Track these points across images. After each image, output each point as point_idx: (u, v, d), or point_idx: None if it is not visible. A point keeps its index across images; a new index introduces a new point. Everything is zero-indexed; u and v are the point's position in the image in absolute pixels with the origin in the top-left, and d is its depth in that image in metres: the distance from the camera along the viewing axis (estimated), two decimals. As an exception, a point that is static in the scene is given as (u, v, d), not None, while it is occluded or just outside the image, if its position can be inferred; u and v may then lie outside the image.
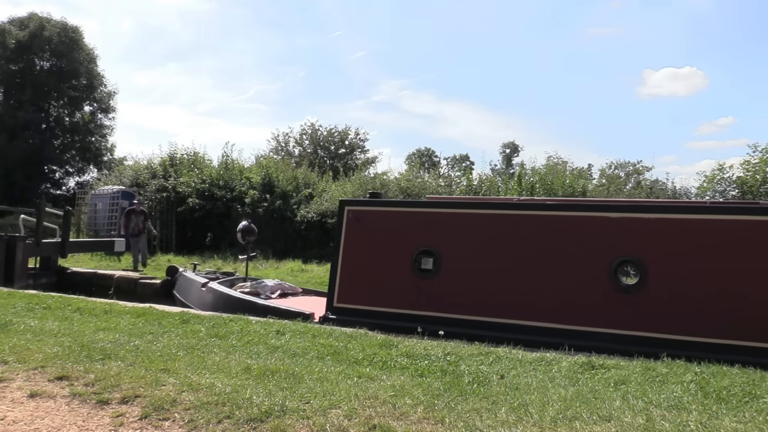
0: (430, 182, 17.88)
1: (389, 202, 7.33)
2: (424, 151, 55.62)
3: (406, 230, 6.68)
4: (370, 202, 7.21)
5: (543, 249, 5.88)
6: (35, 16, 36.07)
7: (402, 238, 6.59)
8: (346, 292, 6.57)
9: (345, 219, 6.92)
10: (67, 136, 37.02)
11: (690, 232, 5.40)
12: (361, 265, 6.74)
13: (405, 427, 2.84)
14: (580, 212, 6.08)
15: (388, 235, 6.74)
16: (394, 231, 6.73)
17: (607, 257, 5.58)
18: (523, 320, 5.67)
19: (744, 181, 13.66)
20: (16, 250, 10.48)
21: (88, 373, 3.64)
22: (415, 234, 6.55)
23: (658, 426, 2.83)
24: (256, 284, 8.60)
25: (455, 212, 6.56)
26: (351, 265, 6.73)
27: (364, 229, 6.81)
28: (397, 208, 7.14)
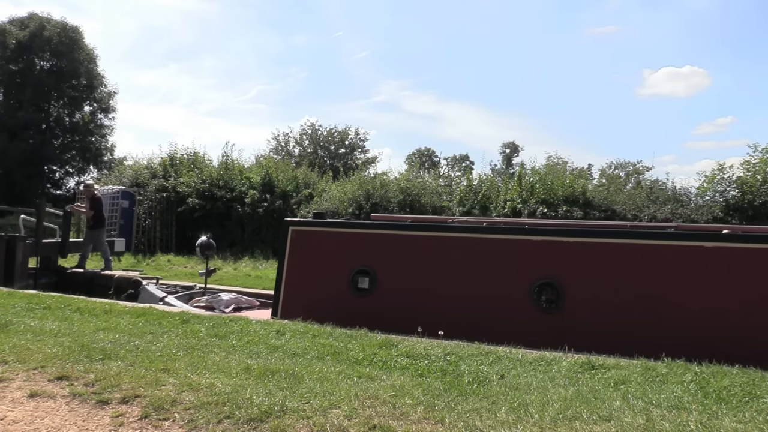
0: (430, 182, 17.88)
1: (330, 222, 7.58)
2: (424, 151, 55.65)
3: (345, 250, 6.99)
4: (312, 222, 7.48)
5: (471, 270, 6.21)
6: (35, 16, 36.09)
7: (341, 257, 6.90)
8: (288, 310, 6.72)
9: (289, 238, 7.19)
10: (67, 136, 37.04)
11: (605, 255, 5.78)
12: (304, 284, 7.00)
13: (405, 427, 2.84)
14: (505, 235, 6.42)
15: (328, 254, 7.04)
16: (334, 251, 7.04)
17: (528, 278, 5.93)
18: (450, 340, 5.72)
19: (744, 181, 13.65)
20: (16, 250, 10.48)
21: (88, 373, 3.64)
22: (352, 254, 6.86)
23: (658, 426, 2.83)
24: (212, 298, 8.57)
25: (389, 233, 6.90)
26: (294, 283, 7.00)
27: (307, 248, 7.11)
28: (336, 229, 7.40)
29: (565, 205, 14.53)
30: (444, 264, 6.37)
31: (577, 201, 14.66)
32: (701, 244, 5.43)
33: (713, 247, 5.38)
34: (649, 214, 13.88)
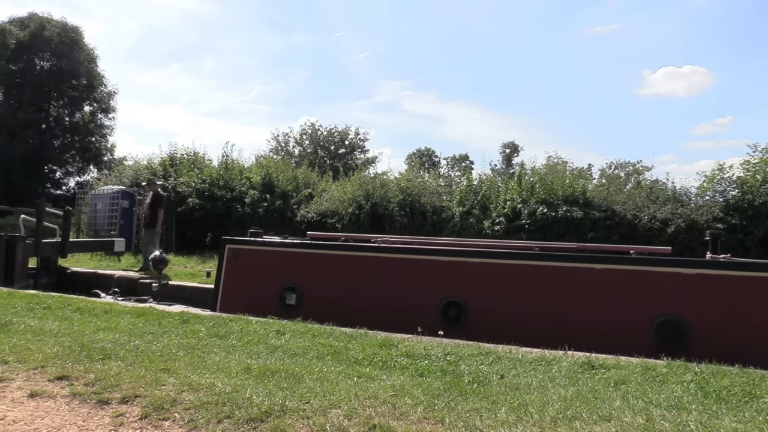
0: (430, 182, 17.86)
1: (262, 241, 7.79)
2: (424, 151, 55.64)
3: (275, 267, 7.29)
4: (246, 240, 7.80)
5: (388, 288, 6.53)
6: (35, 16, 36.07)
7: (271, 274, 7.19)
8: None
9: (225, 255, 7.54)
10: (67, 136, 37.02)
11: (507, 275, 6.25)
12: (238, 299, 7.21)
13: (405, 427, 2.84)
14: (419, 255, 6.83)
15: (260, 271, 7.35)
16: (265, 268, 7.34)
17: (438, 296, 6.32)
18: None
19: (744, 181, 13.65)
20: (16, 250, 10.48)
21: (88, 373, 3.64)
22: (281, 271, 7.17)
23: (658, 426, 2.83)
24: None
25: (314, 252, 7.28)
26: (229, 298, 7.26)
27: (241, 265, 7.43)
28: (267, 248, 7.66)
29: (565, 205, 14.53)
30: (364, 282, 6.71)
31: (577, 201, 14.65)
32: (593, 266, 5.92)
33: (602, 268, 5.84)
34: (649, 214, 13.88)
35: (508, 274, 6.23)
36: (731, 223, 13.05)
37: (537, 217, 14.46)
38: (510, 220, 14.95)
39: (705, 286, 5.51)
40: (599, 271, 5.83)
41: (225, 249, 7.58)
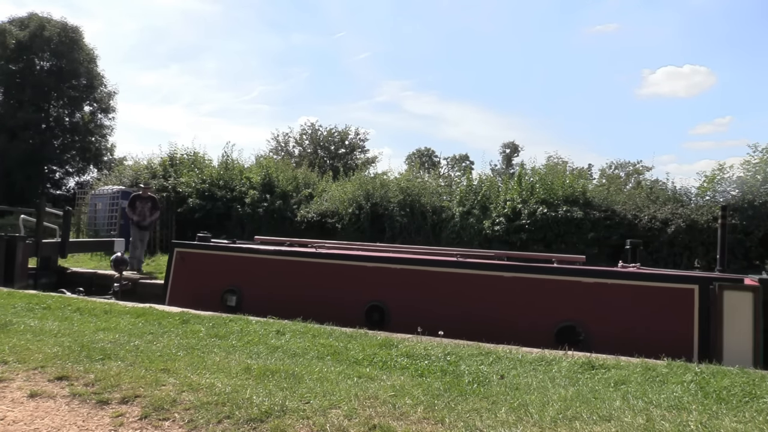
0: (430, 182, 17.86)
1: (206, 245, 8.09)
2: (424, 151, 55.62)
3: (217, 270, 7.59)
4: (192, 244, 8.13)
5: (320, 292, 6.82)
6: (35, 16, 36.08)
7: (214, 277, 7.47)
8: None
9: (173, 258, 7.93)
10: (67, 136, 37.01)
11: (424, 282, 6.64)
12: (185, 300, 7.43)
13: (405, 427, 2.84)
14: (347, 261, 7.16)
15: (204, 274, 7.64)
16: (209, 271, 7.64)
17: (363, 300, 6.66)
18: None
19: (744, 181, 13.65)
20: (16, 250, 10.47)
21: (88, 373, 3.64)
22: (223, 274, 7.48)
23: (658, 426, 2.83)
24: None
25: (253, 257, 7.59)
26: (175, 298, 7.50)
27: (188, 267, 7.76)
28: (211, 251, 7.97)
29: (565, 205, 14.52)
30: (299, 286, 6.96)
31: (577, 201, 14.65)
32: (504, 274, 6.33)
33: (512, 276, 6.27)
34: (649, 214, 13.88)
35: (426, 281, 6.63)
36: (731, 223, 13.05)
37: (537, 217, 14.45)
38: (510, 220, 14.95)
39: (601, 294, 5.86)
40: (508, 279, 6.23)
41: (173, 251, 8.01)
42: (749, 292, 5.23)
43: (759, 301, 5.16)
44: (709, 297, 5.34)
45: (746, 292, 5.25)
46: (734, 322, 5.16)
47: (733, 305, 5.22)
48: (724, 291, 5.28)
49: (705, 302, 5.35)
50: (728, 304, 5.23)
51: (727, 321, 5.18)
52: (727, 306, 5.23)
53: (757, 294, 5.20)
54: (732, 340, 5.10)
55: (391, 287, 6.68)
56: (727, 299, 5.25)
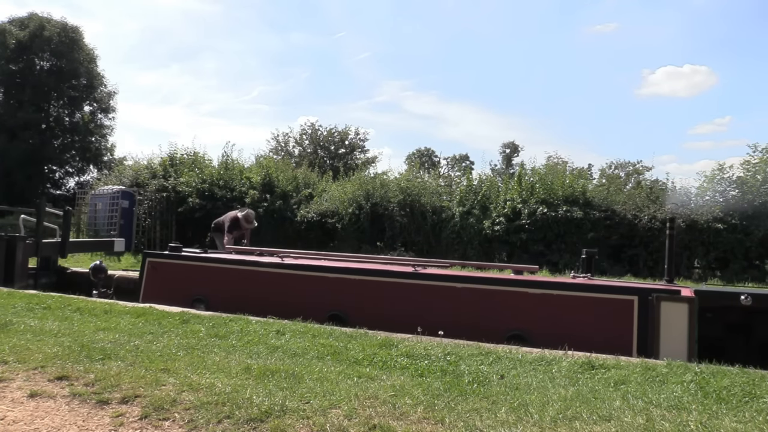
0: (430, 182, 17.86)
1: (176, 255, 8.26)
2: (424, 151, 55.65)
3: (187, 280, 7.76)
4: (163, 254, 8.35)
5: (284, 301, 6.94)
6: (35, 16, 36.07)
7: (184, 286, 7.61)
8: None
9: (146, 267, 8.12)
10: (67, 136, 37.01)
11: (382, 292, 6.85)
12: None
13: (405, 427, 2.84)
14: (309, 272, 7.37)
15: (175, 282, 7.78)
16: (179, 280, 7.79)
17: (324, 309, 6.83)
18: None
19: (744, 181, 13.65)
20: (16, 250, 10.47)
21: (88, 373, 3.64)
22: (193, 283, 7.63)
23: (658, 426, 2.83)
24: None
25: (221, 266, 7.78)
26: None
27: (160, 277, 7.94)
28: (180, 261, 8.14)
29: (565, 205, 14.52)
30: (264, 296, 7.08)
31: (577, 201, 14.65)
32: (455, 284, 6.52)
33: (463, 287, 6.48)
34: (649, 214, 13.88)
35: (383, 291, 6.82)
36: (731, 223, 13.05)
37: (537, 217, 14.46)
38: (510, 220, 14.95)
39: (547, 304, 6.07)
40: (460, 289, 6.46)
41: (145, 261, 8.22)
42: (685, 303, 5.43)
43: (694, 311, 5.35)
44: (648, 307, 5.53)
45: (682, 303, 5.45)
46: (671, 331, 5.36)
47: (670, 315, 5.42)
48: (661, 302, 5.48)
49: (644, 312, 5.55)
50: (665, 315, 5.43)
51: (664, 330, 5.39)
52: (664, 316, 5.43)
53: (692, 305, 5.39)
54: (668, 348, 5.28)
55: (350, 297, 6.89)
56: (664, 310, 5.45)
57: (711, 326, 5.52)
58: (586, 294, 5.98)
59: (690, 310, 5.38)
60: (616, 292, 5.90)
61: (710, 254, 13.34)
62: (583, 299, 5.94)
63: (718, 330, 5.62)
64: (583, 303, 5.91)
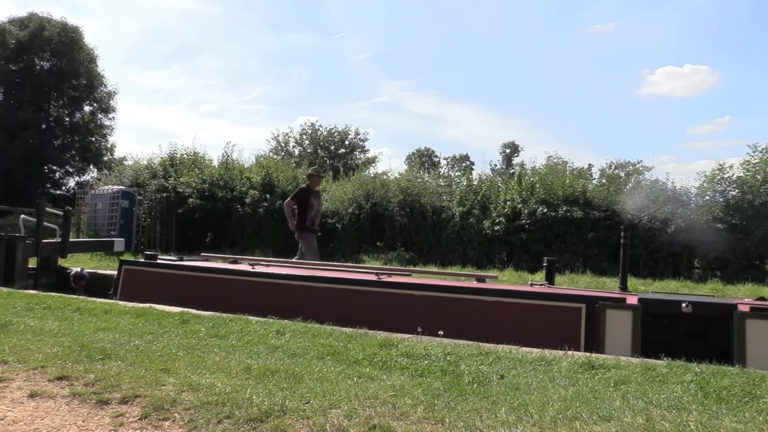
0: (430, 182, 17.87)
1: (151, 263, 8.46)
2: (424, 151, 55.66)
3: (161, 287, 7.95)
4: (138, 262, 8.61)
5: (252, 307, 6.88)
6: (35, 16, 36.08)
7: (157, 293, 7.65)
8: None
9: (122, 275, 8.34)
10: (67, 136, 37.04)
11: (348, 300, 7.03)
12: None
13: (405, 427, 2.84)
14: (275, 280, 7.50)
15: (149, 290, 7.88)
16: (153, 287, 7.96)
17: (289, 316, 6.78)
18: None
19: (744, 181, 13.65)
20: (16, 250, 10.47)
21: (88, 373, 3.64)
22: (166, 291, 7.73)
23: (658, 426, 2.83)
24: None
25: (193, 274, 7.96)
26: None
27: (135, 284, 8.14)
28: (154, 269, 8.34)
29: (565, 205, 14.53)
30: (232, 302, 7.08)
31: (577, 201, 14.66)
32: (412, 292, 6.70)
33: (420, 295, 6.65)
34: (649, 214, 13.87)
35: (345, 299, 6.97)
36: (731, 223, 13.05)
37: (537, 217, 14.46)
38: (510, 220, 14.95)
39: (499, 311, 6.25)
40: (417, 297, 6.65)
41: (121, 269, 8.46)
42: (629, 311, 5.67)
43: (638, 318, 5.59)
44: (594, 315, 5.76)
45: (626, 310, 5.69)
46: (615, 337, 5.60)
47: (614, 322, 5.67)
48: (606, 309, 5.72)
49: (591, 319, 5.78)
50: (610, 322, 5.68)
51: (609, 336, 5.62)
52: (609, 323, 5.67)
53: (635, 312, 5.63)
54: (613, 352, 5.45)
55: (314, 304, 7.03)
56: (609, 317, 5.69)
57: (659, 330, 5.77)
58: (536, 302, 6.22)
59: (634, 317, 5.62)
60: (565, 300, 6.15)
61: (710, 254, 13.34)
62: (533, 307, 6.19)
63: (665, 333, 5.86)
64: (534, 310, 6.16)
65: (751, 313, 5.39)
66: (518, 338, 5.35)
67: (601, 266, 13.41)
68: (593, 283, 11.46)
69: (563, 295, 6.35)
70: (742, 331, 5.31)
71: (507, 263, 14.24)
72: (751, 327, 5.32)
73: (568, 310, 5.98)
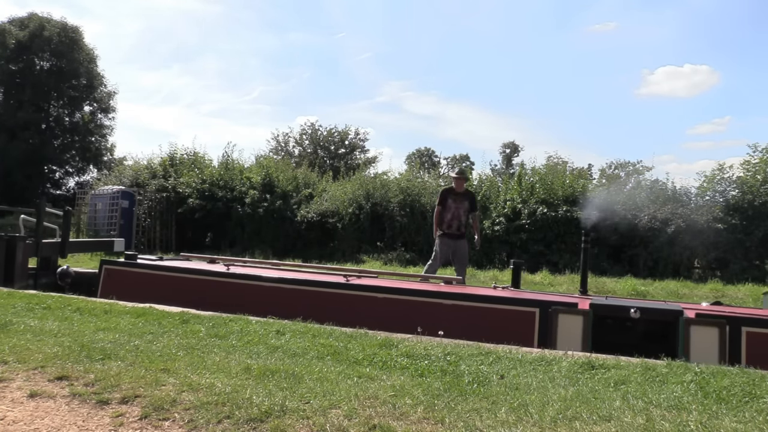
0: (430, 182, 17.86)
1: (132, 263, 8.63)
2: (424, 151, 55.66)
3: (140, 287, 8.04)
4: (119, 262, 8.81)
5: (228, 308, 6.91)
6: (35, 16, 36.07)
7: (137, 293, 7.72)
8: None
9: (102, 275, 8.52)
10: (67, 136, 37.02)
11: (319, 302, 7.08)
12: None
13: (405, 427, 2.84)
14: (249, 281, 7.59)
15: (129, 290, 8.01)
16: (133, 287, 8.08)
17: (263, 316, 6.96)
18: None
19: (744, 181, 13.65)
20: (16, 250, 10.46)
21: (88, 373, 3.64)
22: (145, 291, 7.79)
23: (658, 426, 2.83)
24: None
25: (169, 275, 8.13)
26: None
27: (116, 284, 8.29)
28: (134, 269, 8.50)
29: (565, 205, 14.53)
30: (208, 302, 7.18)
31: (577, 201, 14.66)
32: (377, 295, 6.84)
33: (383, 297, 6.79)
34: (649, 214, 13.87)
35: (315, 300, 7.12)
36: (731, 223, 13.05)
37: (537, 217, 14.47)
38: (510, 220, 14.96)
39: (458, 314, 6.42)
40: (380, 299, 6.84)
41: (102, 269, 8.66)
42: (580, 316, 5.85)
43: (588, 322, 5.79)
44: (547, 319, 5.96)
45: (577, 315, 5.87)
46: (566, 340, 5.79)
47: (566, 326, 5.87)
48: (558, 314, 5.91)
49: (544, 323, 6.00)
50: (562, 326, 5.88)
51: (560, 340, 5.82)
52: (561, 327, 5.88)
53: (586, 317, 5.82)
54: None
55: (286, 306, 7.14)
56: (561, 321, 5.89)
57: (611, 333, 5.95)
58: (493, 305, 6.40)
59: (584, 321, 5.80)
60: (520, 305, 6.34)
61: (710, 254, 13.34)
62: (490, 310, 6.37)
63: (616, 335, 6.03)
64: (490, 314, 6.34)
65: (695, 320, 5.57)
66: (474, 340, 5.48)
67: (601, 266, 13.41)
68: (593, 282, 11.47)
69: (518, 299, 6.51)
70: (686, 335, 5.50)
71: (507, 263, 14.24)
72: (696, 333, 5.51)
73: (523, 315, 6.20)
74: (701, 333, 5.50)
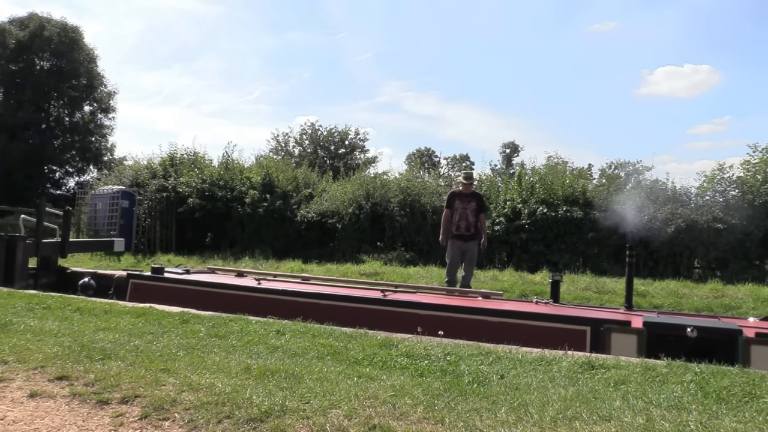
0: (430, 182, 17.85)
1: (156, 277, 8.81)
2: (424, 151, 55.63)
3: (166, 301, 7.96)
4: (147, 276, 8.98)
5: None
6: (35, 16, 36.05)
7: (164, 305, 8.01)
8: None
9: (129, 288, 8.78)
10: (67, 136, 36.99)
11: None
12: None
13: (405, 427, 2.84)
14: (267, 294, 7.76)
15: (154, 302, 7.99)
16: (159, 301, 7.99)
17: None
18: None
19: (744, 181, 13.65)
20: (16, 250, 10.47)
21: (88, 373, 3.64)
22: (168, 303, 7.76)
23: (658, 426, 2.83)
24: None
25: (193, 288, 8.33)
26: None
27: (143, 298, 8.29)
28: (160, 283, 8.70)
29: (565, 205, 14.53)
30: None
31: (577, 201, 14.65)
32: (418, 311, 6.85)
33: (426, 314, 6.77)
34: (649, 214, 13.87)
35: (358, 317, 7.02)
36: (731, 223, 13.05)
37: (537, 217, 14.46)
38: (510, 220, 14.95)
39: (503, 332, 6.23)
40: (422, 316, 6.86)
41: (129, 282, 8.89)
42: (634, 335, 5.79)
43: (643, 341, 5.72)
44: (599, 337, 5.89)
45: (631, 334, 5.81)
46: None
47: (620, 345, 5.79)
48: (611, 333, 5.85)
49: (595, 342, 5.92)
50: (615, 345, 5.80)
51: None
52: (614, 346, 5.79)
53: (641, 336, 5.76)
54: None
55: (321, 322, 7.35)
56: (614, 340, 5.82)
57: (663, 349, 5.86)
58: (541, 323, 6.27)
59: (639, 340, 5.75)
60: (571, 323, 6.22)
61: (710, 254, 13.34)
62: (537, 328, 6.24)
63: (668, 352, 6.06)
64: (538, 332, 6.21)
65: (755, 339, 5.52)
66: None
67: (601, 266, 13.41)
68: (593, 282, 11.47)
69: (569, 317, 6.37)
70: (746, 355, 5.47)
71: (507, 263, 14.24)
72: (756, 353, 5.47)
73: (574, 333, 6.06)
74: (762, 353, 5.47)
